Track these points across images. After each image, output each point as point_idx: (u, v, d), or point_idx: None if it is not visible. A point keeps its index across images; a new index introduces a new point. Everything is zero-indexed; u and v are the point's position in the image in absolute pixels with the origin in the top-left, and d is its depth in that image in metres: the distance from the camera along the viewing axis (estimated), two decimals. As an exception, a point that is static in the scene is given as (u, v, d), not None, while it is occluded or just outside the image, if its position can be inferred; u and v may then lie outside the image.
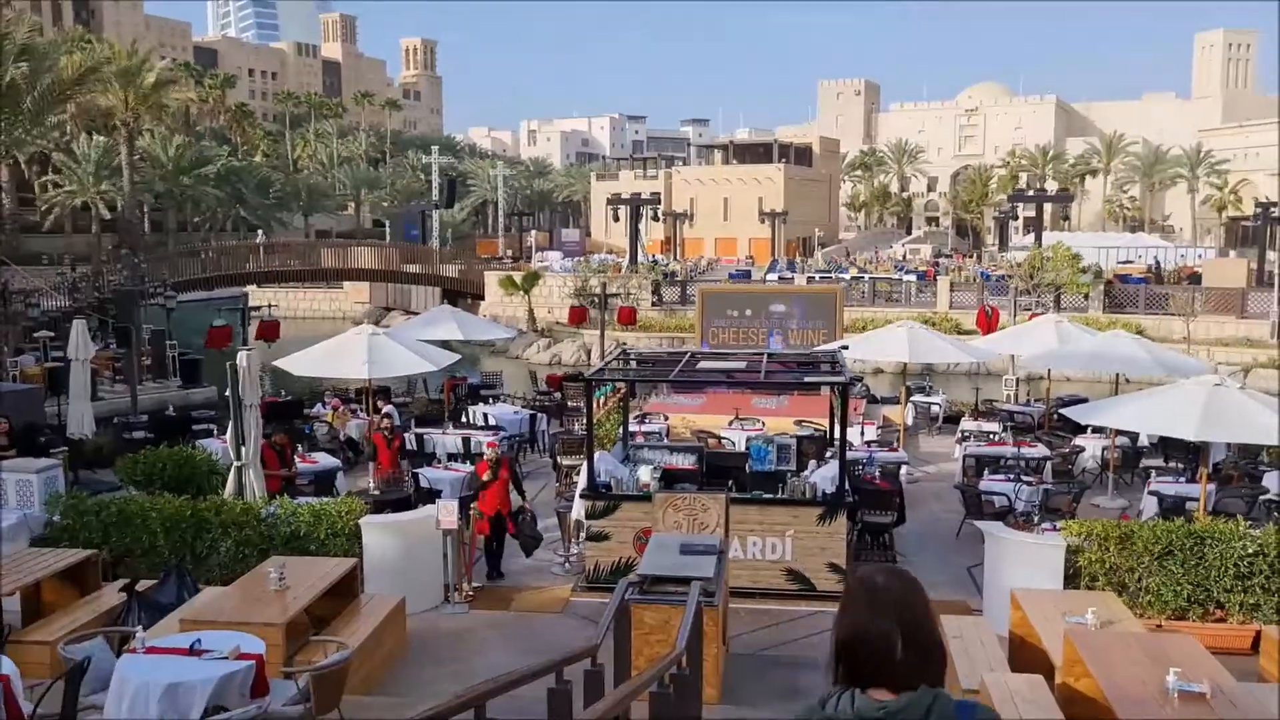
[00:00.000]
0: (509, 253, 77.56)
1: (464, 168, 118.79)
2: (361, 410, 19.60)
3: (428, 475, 15.46)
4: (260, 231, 76.32)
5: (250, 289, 61.71)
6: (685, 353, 14.77)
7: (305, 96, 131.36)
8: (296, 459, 16.19)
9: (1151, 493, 14.66)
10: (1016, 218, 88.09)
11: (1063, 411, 14.68)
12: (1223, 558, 10.61)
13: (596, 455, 13.04)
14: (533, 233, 77.96)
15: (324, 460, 16.61)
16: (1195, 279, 49.56)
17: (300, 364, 17.41)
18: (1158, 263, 58.67)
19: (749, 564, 12.18)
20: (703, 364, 13.93)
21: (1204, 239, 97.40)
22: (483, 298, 52.25)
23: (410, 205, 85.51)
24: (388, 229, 78.91)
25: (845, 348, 16.30)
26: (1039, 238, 48.31)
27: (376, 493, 14.20)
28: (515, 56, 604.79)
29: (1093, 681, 7.07)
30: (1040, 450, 16.94)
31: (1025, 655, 8.58)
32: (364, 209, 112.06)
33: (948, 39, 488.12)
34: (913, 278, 50.48)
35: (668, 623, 8.31)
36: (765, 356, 14.20)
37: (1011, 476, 15.18)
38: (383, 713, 8.15)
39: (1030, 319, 27.35)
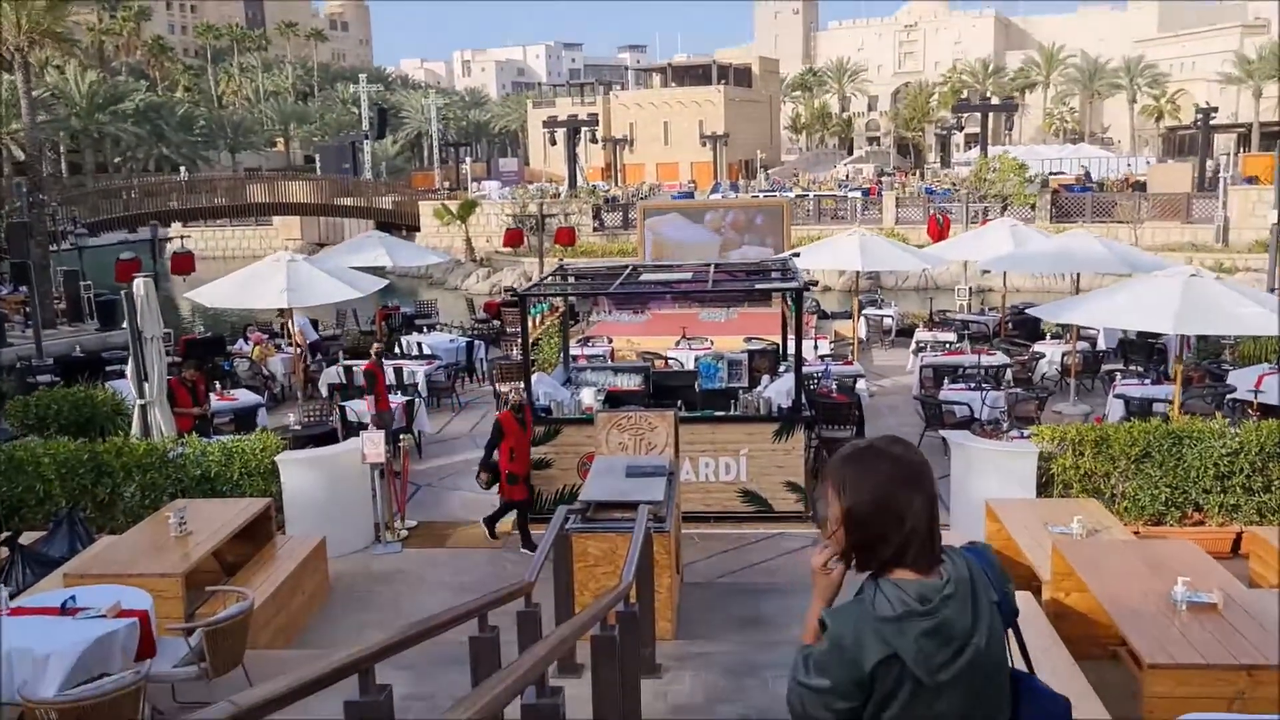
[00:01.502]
0: (445, 184, 75.45)
1: (396, 99, 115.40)
2: (287, 343, 18.42)
3: (354, 408, 14.42)
4: (184, 169, 73.38)
5: (175, 227, 59.50)
6: (627, 265, 13.80)
7: (227, 29, 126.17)
8: (215, 396, 15.11)
9: (1117, 396, 14.09)
10: (962, 129, 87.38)
11: (1032, 311, 14.01)
12: (1202, 458, 9.99)
13: (535, 377, 12.12)
14: (467, 162, 75.66)
15: (245, 397, 15.50)
16: (1138, 188, 49.34)
17: (215, 295, 16.22)
18: (1086, 172, 58.37)
19: (701, 486, 11.40)
20: (646, 276, 12.98)
21: (1142, 149, 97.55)
22: (419, 229, 50.64)
23: (340, 137, 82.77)
24: (318, 163, 76.37)
25: (797, 254, 15.44)
26: (985, 150, 47.63)
27: (298, 428, 13.17)
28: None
29: (1087, 595, 6.36)
30: (1000, 358, 16.30)
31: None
32: (294, 144, 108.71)
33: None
34: (858, 194, 49.65)
35: (614, 552, 7.48)
36: (712, 267, 13.27)
37: (972, 385, 14.51)
38: (295, 667, 7.24)
39: (983, 224, 26.69)
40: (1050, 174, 56.87)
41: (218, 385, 15.61)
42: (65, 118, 71.70)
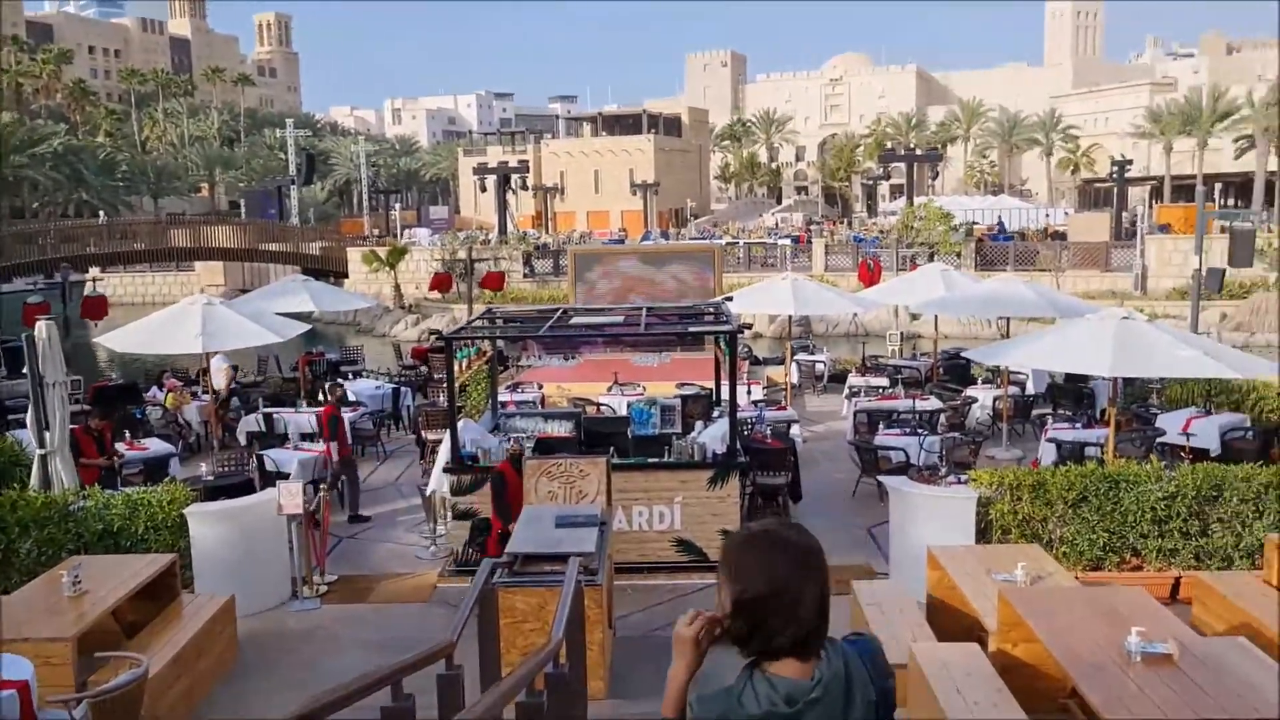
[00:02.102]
0: (375, 231, 74.64)
1: (325, 146, 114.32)
2: (203, 390, 17.67)
3: (274, 457, 13.82)
4: (103, 214, 71.60)
5: (94, 273, 57.84)
6: (556, 309, 13.47)
7: (152, 74, 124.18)
8: (124, 446, 14.39)
9: (1049, 440, 14.04)
10: (889, 177, 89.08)
11: (968, 354, 13.96)
12: (1139, 502, 9.91)
13: (461, 424, 11.68)
14: (396, 209, 74.98)
15: (156, 446, 14.77)
16: (1057, 237, 50.50)
17: (126, 339, 15.48)
18: (1001, 222, 59.69)
19: (635, 535, 11.03)
20: (577, 320, 12.66)
21: (1060, 201, 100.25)
22: (346, 275, 49.84)
23: (266, 181, 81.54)
24: (243, 209, 75.09)
25: (729, 299, 15.25)
26: (911, 199, 48.41)
27: (210, 478, 12.53)
28: (378, 35, 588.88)
29: (1036, 646, 6.11)
30: (933, 403, 16.24)
31: (949, 620, 7.63)
32: (219, 190, 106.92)
33: (810, 10, 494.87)
34: (787, 242, 50.07)
35: (543, 607, 7.08)
36: (644, 310, 13.00)
37: (907, 430, 14.40)
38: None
39: (913, 269, 26.88)
40: (972, 224, 58.11)
41: (128, 434, 14.88)
42: (-23, 161, 69.72)
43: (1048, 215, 68.50)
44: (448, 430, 11.73)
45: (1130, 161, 58.92)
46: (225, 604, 8.79)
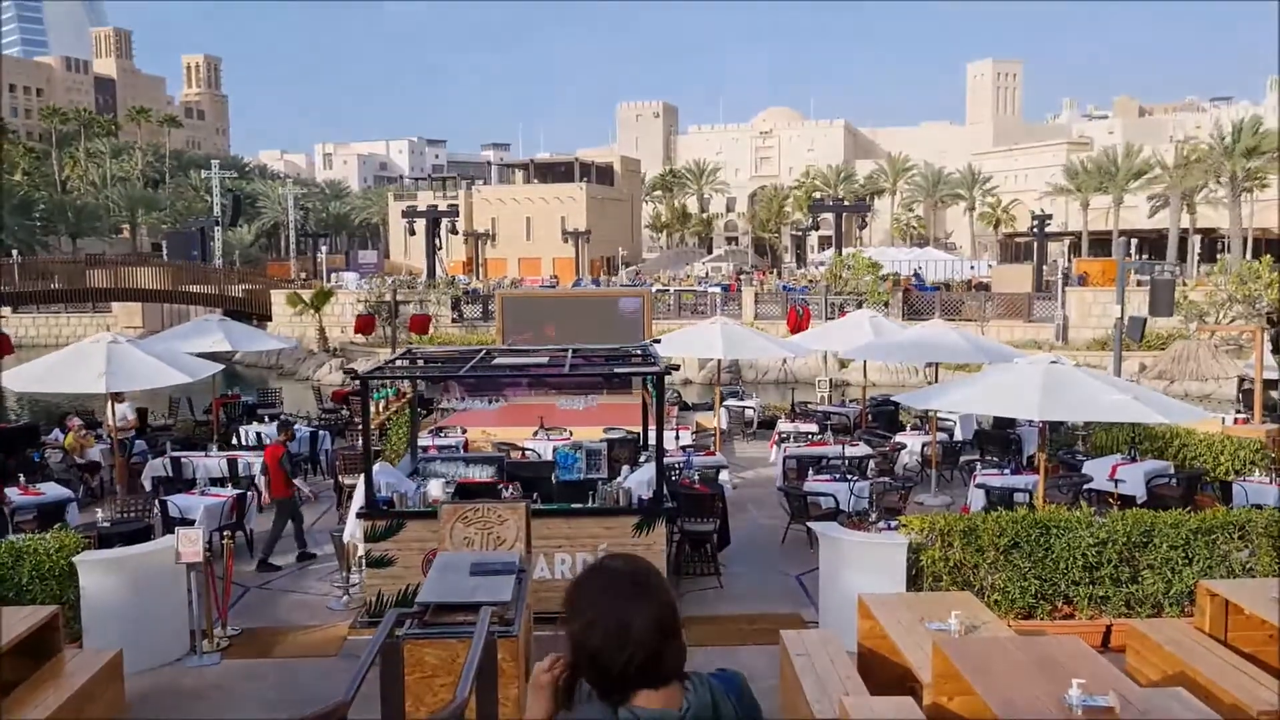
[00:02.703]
0: (302, 275, 73.42)
1: (253, 188, 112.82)
2: (107, 433, 16.84)
3: (178, 502, 13.13)
4: (16, 253, 69.45)
5: (4, 312, 55.90)
6: (479, 350, 13.07)
7: (74, 113, 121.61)
8: (17, 490, 13.59)
9: (978, 485, 13.92)
10: (818, 227, 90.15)
11: (898, 398, 13.79)
12: (1070, 548, 9.76)
13: (376, 467, 11.17)
14: (323, 251, 73.87)
15: (52, 491, 13.97)
16: (980, 288, 51.38)
17: (26, 377, 14.71)
18: (918, 275, 60.63)
19: (558, 585, 10.56)
20: (500, 360, 12.26)
21: (982, 254, 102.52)
22: (270, 318, 48.72)
23: (190, 222, 79.93)
24: (165, 250, 73.42)
25: (658, 341, 14.97)
26: (840, 248, 48.92)
27: (106, 524, 11.82)
28: (310, 80, 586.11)
29: (973, 699, 5.81)
30: (863, 449, 16.08)
31: (881, 670, 7.32)
32: (141, 231, 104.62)
33: (742, 64, 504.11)
34: (717, 290, 50.20)
35: (454, 660, 6.61)
36: (570, 351, 12.66)
37: (837, 476, 14.19)
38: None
39: (842, 315, 26.95)
40: (898, 275, 58.92)
41: (22, 479, 14.07)
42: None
43: (972, 268, 69.85)
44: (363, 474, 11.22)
45: (1050, 216, 60.37)
46: (111, 660, 8.16)
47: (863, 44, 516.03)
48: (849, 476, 14.14)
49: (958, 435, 18.71)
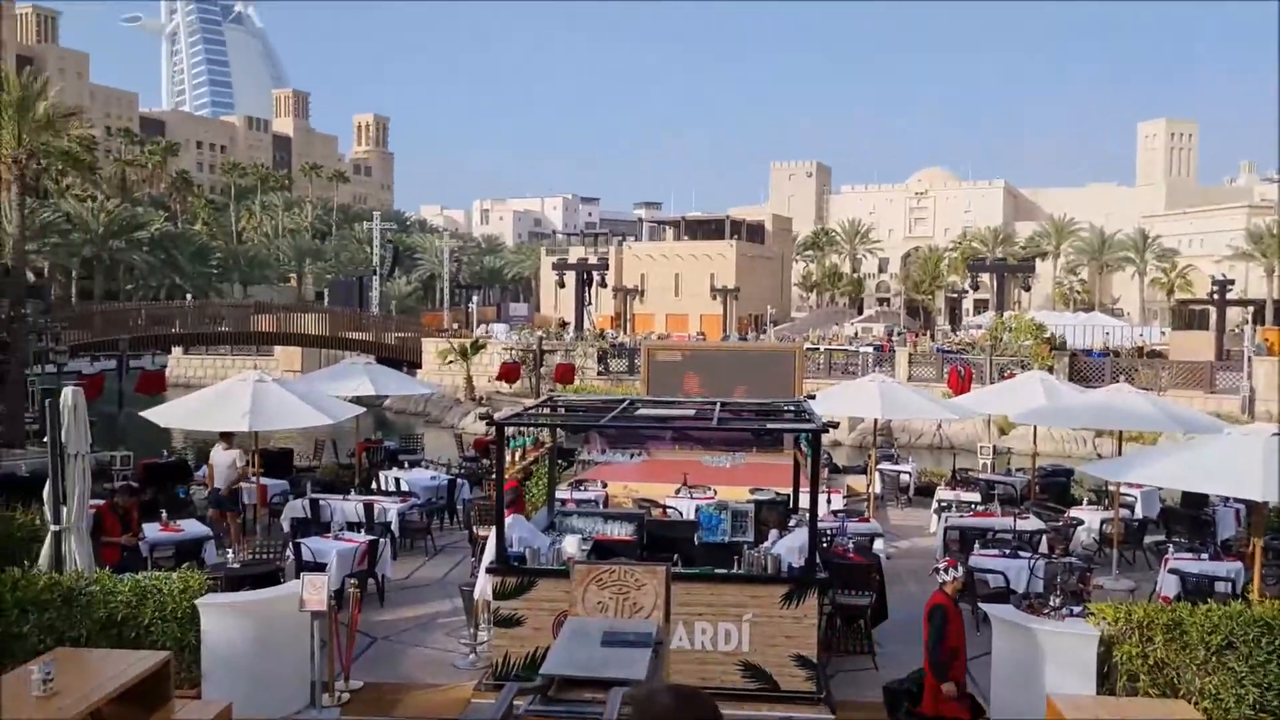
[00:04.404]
0: (455, 325, 75.13)
1: (412, 241, 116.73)
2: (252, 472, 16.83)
3: (312, 546, 12.81)
4: (190, 297, 73.28)
5: (176, 354, 58.70)
6: (622, 399, 12.39)
7: (252, 168, 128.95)
8: (160, 527, 13.54)
9: (1171, 571, 12.38)
10: (977, 288, 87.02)
11: (1088, 469, 12.50)
12: (1297, 652, 8.33)
13: (509, 520, 10.54)
14: (474, 302, 75.41)
15: (191, 528, 13.88)
16: (1152, 356, 48.26)
17: (172, 415, 14.87)
18: (1106, 346, 57.40)
19: (697, 656, 9.71)
20: (644, 411, 11.55)
21: (1152, 321, 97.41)
22: (420, 366, 49.66)
23: (349, 272, 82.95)
24: (327, 299, 76.26)
25: (812, 397, 14.04)
26: (1000, 310, 46.80)
27: (236, 565, 11.53)
28: (470, 139, 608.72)
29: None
30: (1034, 523, 14.68)
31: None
32: (307, 280, 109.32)
33: (896, 125, 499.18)
34: (870, 349, 48.65)
35: (579, 746, 5.82)
36: (718, 404, 11.85)
37: (1005, 552, 12.90)
38: None
39: (1009, 378, 25.33)
40: (1063, 339, 56.07)
41: (164, 514, 14.04)
42: (80, 244, 72.04)
43: (1141, 334, 66.04)
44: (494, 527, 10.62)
45: (1232, 282, 56.63)
46: (223, 711, 7.67)
47: (1024, 103, 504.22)
48: (1020, 553, 12.84)
49: (1139, 512, 17.02)
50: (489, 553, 10.48)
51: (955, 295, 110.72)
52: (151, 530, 13.27)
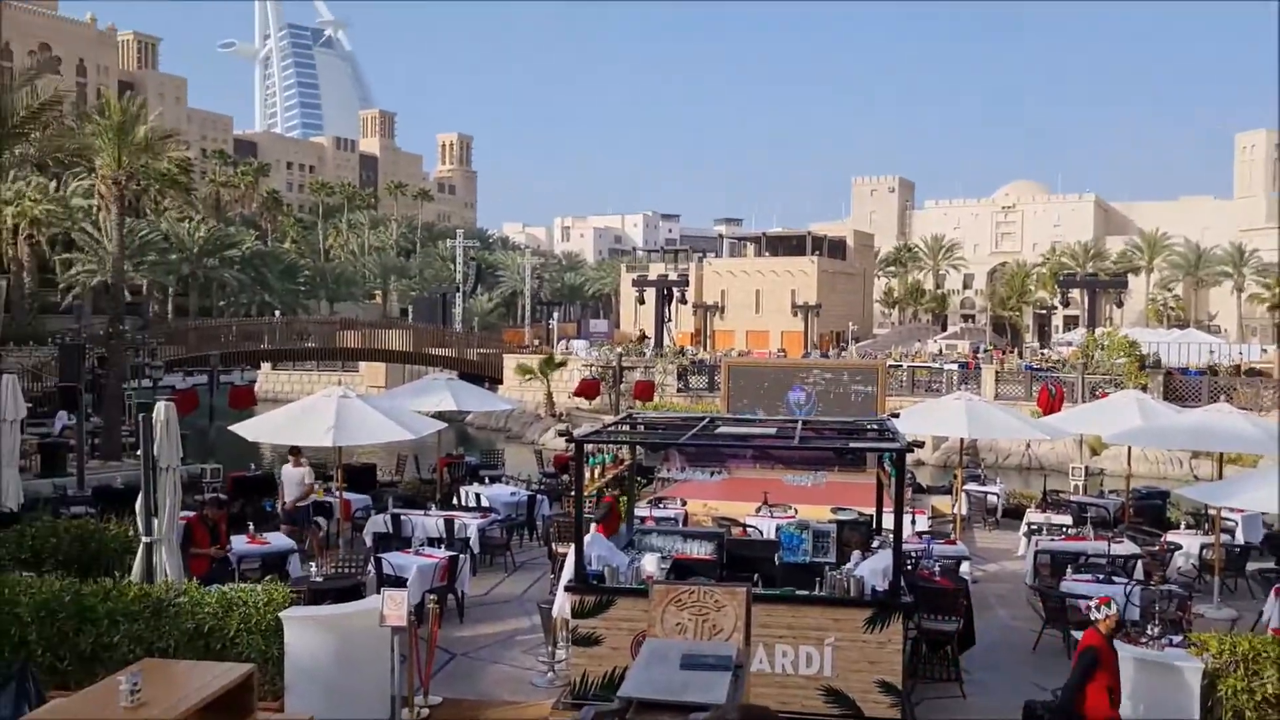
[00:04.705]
0: (535, 341, 75.81)
1: (495, 258, 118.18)
2: (335, 487, 17.07)
3: (393, 561, 12.91)
4: (278, 313, 75.13)
5: (264, 369, 60.08)
6: (702, 416, 12.27)
7: (339, 187, 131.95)
8: (246, 539, 13.78)
9: None
10: (1068, 304, 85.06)
11: (1187, 492, 12.02)
12: None
13: (588, 538, 10.49)
14: (555, 319, 75.96)
15: (277, 541, 14.11)
16: (1252, 374, 46.47)
17: (259, 430, 15.11)
18: (1211, 365, 55.45)
19: (777, 680, 9.52)
20: (724, 430, 11.42)
21: (1250, 338, 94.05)
22: (501, 382, 50.11)
23: (433, 289, 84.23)
24: (411, 314, 77.55)
25: (895, 415, 13.75)
26: (1092, 327, 45.55)
27: (319, 579, 11.66)
28: (552, 157, 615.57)
29: None
30: (1129, 547, 14.16)
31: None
32: (392, 297, 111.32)
33: (981, 137, 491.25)
34: (954, 367, 47.71)
35: (657, 773, 5.70)
36: (800, 423, 11.66)
37: (1099, 577, 12.45)
38: None
39: (1102, 397, 24.58)
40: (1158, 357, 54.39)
41: (251, 527, 14.29)
42: (176, 263, 74.40)
43: (1240, 352, 63.71)
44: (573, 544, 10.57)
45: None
46: (303, 726, 7.72)
47: (1115, 115, 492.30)
48: (1115, 578, 12.38)
49: (1240, 537, 16.33)
50: (568, 570, 10.43)
51: (1043, 312, 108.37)
52: (239, 542, 13.52)
